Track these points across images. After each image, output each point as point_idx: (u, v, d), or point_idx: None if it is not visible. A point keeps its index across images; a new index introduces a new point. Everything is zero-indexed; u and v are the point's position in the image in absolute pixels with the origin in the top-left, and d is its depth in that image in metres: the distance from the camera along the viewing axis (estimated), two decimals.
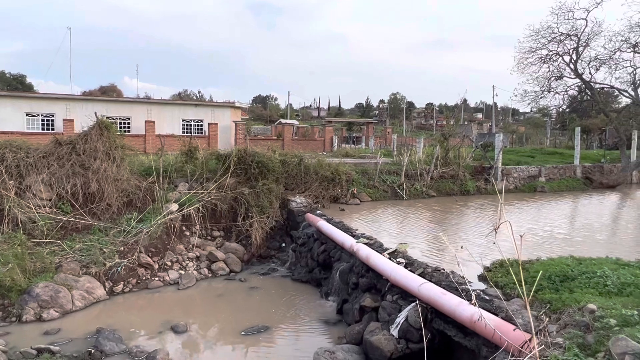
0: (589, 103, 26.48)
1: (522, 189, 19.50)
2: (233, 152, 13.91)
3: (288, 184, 14.54)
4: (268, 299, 9.88)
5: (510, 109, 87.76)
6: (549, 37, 23.09)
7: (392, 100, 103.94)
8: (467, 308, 5.36)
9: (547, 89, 24.03)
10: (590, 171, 22.27)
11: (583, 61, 22.95)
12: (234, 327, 8.30)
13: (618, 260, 6.58)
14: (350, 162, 18.61)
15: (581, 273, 5.85)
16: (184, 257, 11.56)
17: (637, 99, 22.18)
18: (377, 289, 7.84)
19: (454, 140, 20.40)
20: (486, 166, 19.06)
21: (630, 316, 4.12)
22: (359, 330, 7.13)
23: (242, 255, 12.35)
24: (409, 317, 6.29)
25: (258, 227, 12.77)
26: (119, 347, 7.29)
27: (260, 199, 13.08)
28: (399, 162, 18.08)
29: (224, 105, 36.45)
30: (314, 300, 9.85)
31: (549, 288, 5.64)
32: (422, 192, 16.79)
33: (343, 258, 9.73)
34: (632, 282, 5.38)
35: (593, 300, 4.76)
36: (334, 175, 15.12)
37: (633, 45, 21.55)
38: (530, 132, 54.86)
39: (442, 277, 6.59)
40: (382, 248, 8.54)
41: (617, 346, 3.55)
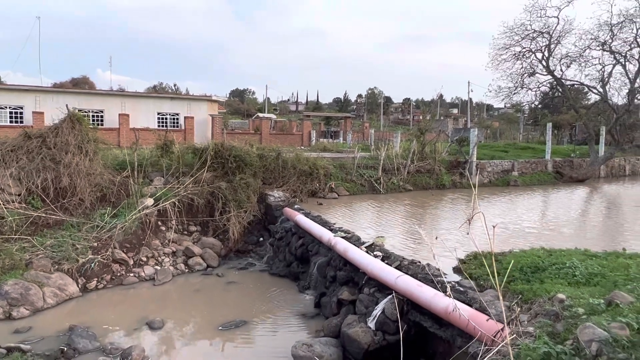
0: (560, 99, 27.21)
1: (495, 183, 19.93)
2: (210, 146, 13.74)
3: (266, 178, 14.48)
4: (246, 294, 9.85)
5: (485, 105, 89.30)
6: (523, 34, 23.58)
7: (370, 95, 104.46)
8: (442, 299, 5.46)
9: (520, 85, 24.56)
10: (561, 165, 22.92)
11: (554, 58, 23.55)
12: (211, 322, 8.25)
13: (586, 251, 6.80)
14: (328, 156, 18.65)
15: (551, 264, 6.02)
16: (159, 253, 11.40)
17: (605, 95, 22.90)
18: (354, 282, 7.91)
19: (430, 135, 20.67)
20: (461, 161, 19.39)
21: (597, 305, 4.27)
22: (337, 323, 7.19)
23: (220, 250, 12.26)
24: (385, 309, 6.37)
25: (235, 222, 12.69)
26: (92, 345, 7.16)
27: (238, 193, 12.99)
28: (376, 156, 18.21)
29: (200, 98, 35.93)
30: (292, 294, 9.86)
31: (521, 279, 5.79)
32: (399, 186, 16.97)
33: (321, 252, 9.77)
34: (599, 273, 5.58)
35: (562, 290, 4.92)
36: (312, 170, 15.13)
37: (602, 44, 22.20)
38: (504, 128, 56.01)
39: (418, 269, 6.70)
40: (360, 241, 8.61)
41: (585, 334, 3.68)
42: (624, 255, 6.38)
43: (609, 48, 22.10)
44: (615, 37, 21.85)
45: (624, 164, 26.55)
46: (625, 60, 21.98)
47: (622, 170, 26.37)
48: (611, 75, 22.72)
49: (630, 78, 21.92)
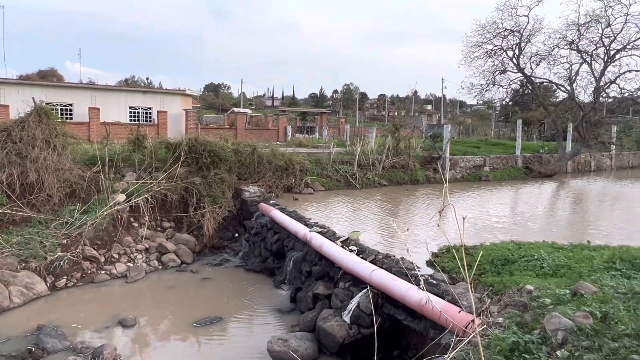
0: (530, 97, 27.94)
1: (468, 178, 20.34)
2: (184, 141, 13.52)
3: (241, 173, 14.37)
4: (221, 290, 9.78)
5: (458, 101, 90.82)
6: (494, 32, 24.05)
7: (346, 91, 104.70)
8: (415, 293, 5.56)
9: (492, 83, 25.10)
10: (530, 161, 23.57)
11: (525, 56, 24.14)
12: (186, 319, 8.16)
13: (553, 244, 7.04)
14: (304, 151, 18.65)
15: (521, 256, 6.21)
16: (132, 250, 11.19)
17: (572, 93, 23.63)
18: (330, 276, 7.96)
19: (405, 131, 20.90)
20: (435, 156, 19.70)
21: (563, 295, 4.43)
22: (312, 317, 7.22)
23: (194, 246, 12.12)
24: (360, 303, 6.44)
25: (210, 218, 12.56)
26: (62, 344, 6.98)
27: (213, 188, 12.85)
28: (351, 152, 18.31)
29: (174, 92, 35.30)
30: (267, 289, 9.85)
31: (492, 271, 5.95)
32: (374, 182, 17.13)
33: (296, 247, 9.78)
34: (565, 264, 5.78)
35: (531, 282, 5.08)
36: (288, 165, 15.10)
37: (569, 43, 22.88)
38: (476, 124, 57.11)
39: (393, 263, 6.79)
40: (335, 236, 8.66)
41: (551, 323, 3.82)
42: (588, 248, 6.63)
43: (576, 47, 22.80)
44: (582, 37, 22.57)
45: (590, 160, 27.50)
46: (592, 60, 22.73)
47: (588, 166, 27.31)
48: (578, 74, 23.47)
49: (595, 77, 22.68)
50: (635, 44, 21.56)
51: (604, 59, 22.35)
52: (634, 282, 4.61)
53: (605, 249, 6.28)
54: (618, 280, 4.78)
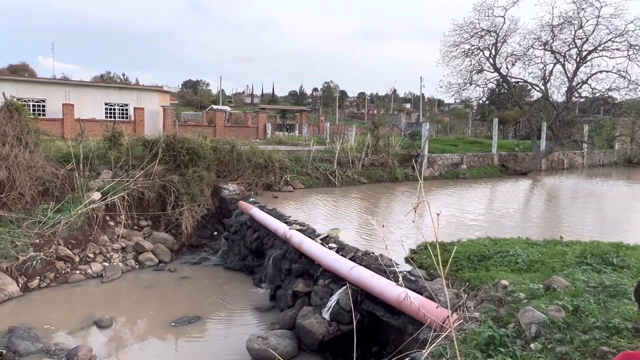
0: (506, 96, 28.50)
1: (446, 176, 20.63)
2: (161, 138, 13.32)
3: (220, 171, 14.24)
4: (199, 289, 9.68)
5: (436, 100, 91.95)
6: (472, 32, 24.42)
7: (326, 89, 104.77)
8: (394, 289, 5.62)
9: (469, 82, 25.48)
10: (506, 159, 24.06)
11: (501, 56, 24.59)
12: (164, 318, 8.05)
13: (528, 239, 7.20)
14: (284, 149, 18.61)
15: (496, 252, 6.33)
16: (108, 249, 10.98)
17: (546, 93, 24.20)
18: (309, 274, 7.97)
19: (384, 129, 21.06)
20: (414, 154, 19.91)
21: (536, 290, 4.54)
22: (292, 315, 7.22)
23: (172, 245, 11.96)
24: (340, 300, 6.47)
25: (188, 216, 12.41)
26: (35, 346, 6.80)
27: (191, 186, 12.70)
28: (331, 149, 18.36)
29: (151, 89, 34.69)
30: (247, 287, 9.80)
31: (468, 267, 6.06)
32: (354, 179, 17.21)
33: (276, 245, 9.76)
34: (539, 259, 5.93)
35: (506, 277, 5.19)
36: (267, 163, 15.04)
37: (544, 44, 23.42)
38: (454, 122, 57.97)
39: (372, 260, 6.84)
40: (315, 234, 8.67)
41: (525, 317, 3.91)
42: (561, 243, 6.80)
43: (550, 48, 23.35)
44: (556, 38, 23.13)
45: (563, 158, 28.23)
46: (565, 60, 23.33)
47: (561, 164, 28.03)
48: (552, 74, 24.05)
49: (568, 77, 23.28)
50: (606, 45, 22.22)
51: (577, 60, 22.96)
52: (604, 276, 4.76)
53: (577, 245, 6.45)
54: (589, 274, 4.93)
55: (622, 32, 21.58)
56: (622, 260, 5.33)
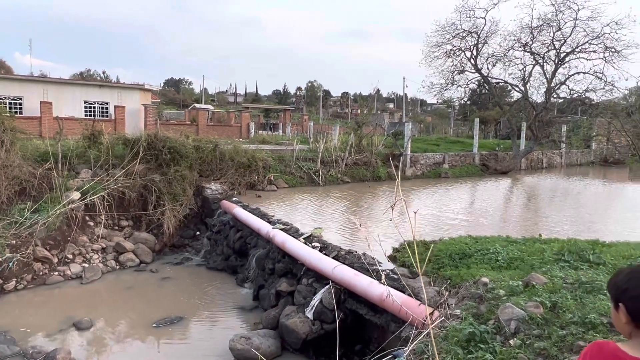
0: (487, 96, 28.93)
1: (428, 175, 20.83)
2: (142, 136, 13.13)
3: (202, 170, 14.11)
4: (182, 289, 9.59)
5: (419, 100, 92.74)
6: (453, 33, 24.71)
7: (309, 88, 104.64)
8: (377, 287, 5.65)
9: (451, 82, 25.77)
10: (487, 158, 24.41)
11: (482, 57, 24.94)
12: (145, 319, 7.95)
13: (508, 237, 7.32)
14: (267, 148, 18.54)
15: (477, 250, 6.42)
16: (87, 250, 10.78)
17: (526, 93, 24.64)
18: (293, 273, 7.96)
19: (367, 128, 21.16)
20: (397, 153, 20.05)
21: (516, 287, 4.62)
22: (275, 314, 7.21)
23: (154, 245, 11.81)
24: (323, 299, 6.48)
25: (170, 216, 12.27)
26: (11, 350, 6.64)
27: (173, 186, 12.55)
28: (315, 149, 18.36)
29: (132, 87, 34.16)
30: (230, 287, 9.75)
31: (450, 265, 6.12)
32: (337, 179, 17.25)
33: (259, 244, 9.73)
34: (518, 257, 6.02)
35: (486, 274, 5.27)
36: (251, 162, 14.97)
37: (523, 45, 23.83)
38: (436, 122, 58.60)
39: (355, 259, 6.87)
40: (298, 233, 8.67)
41: (505, 313, 3.98)
42: (540, 241, 6.93)
43: (529, 49, 23.77)
44: (535, 40, 23.57)
45: (542, 158, 28.77)
46: (544, 61, 23.78)
47: (540, 163, 28.56)
48: (531, 75, 24.48)
49: (547, 78, 23.74)
50: (583, 47, 22.72)
51: (555, 61, 23.43)
52: (580, 272, 4.88)
53: (555, 242, 6.58)
54: (566, 271, 5.03)
55: (598, 34, 22.11)
56: (598, 257, 5.46)
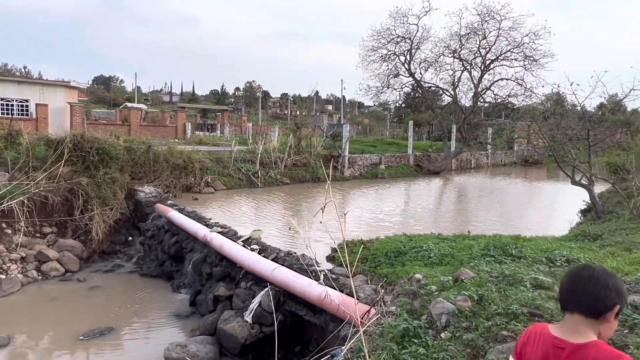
0: (420, 99, 30.14)
1: (365, 176, 21.33)
2: (67, 137, 12.31)
3: (135, 172, 13.49)
4: (112, 298, 9.09)
5: (357, 102, 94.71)
6: (388, 38, 25.53)
7: (248, 88, 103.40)
8: (316, 288, 5.70)
9: (387, 85, 26.61)
10: (420, 159, 25.44)
11: (415, 62, 25.98)
12: (71, 332, 7.45)
13: (440, 235, 7.67)
14: (205, 149, 18.09)
15: (411, 248, 6.65)
16: (4, 259, 9.92)
17: (455, 97, 25.99)
18: (231, 277, 7.83)
19: (306, 129, 21.29)
20: (335, 154, 20.34)
21: (446, 282, 4.85)
22: (213, 320, 7.04)
23: (81, 253, 11.10)
24: (262, 302, 6.43)
25: (99, 221, 11.60)
26: None
27: (102, 189, 11.88)
28: (254, 150, 18.17)
29: (56, 84, 31.87)
30: (165, 294, 9.39)
31: (386, 263, 6.30)
32: (277, 180, 17.19)
33: (196, 248, 9.47)
34: (449, 253, 6.33)
35: (420, 271, 5.48)
36: (187, 164, 14.52)
37: (453, 52, 25.13)
38: (373, 124, 60.17)
39: (294, 260, 6.87)
40: (237, 236, 8.53)
41: (436, 308, 4.16)
42: (469, 237, 7.33)
43: (458, 56, 25.12)
44: (463, 47, 24.94)
45: (470, 158, 30.47)
46: (471, 68, 25.23)
47: (469, 164, 30.23)
48: (460, 80, 25.89)
49: (474, 83, 25.22)
50: (506, 55, 24.40)
51: (481, 68, 24.94)
52: (504, 266, 5.21)
53: (482, 238, 6.99)
54: (492, 265, 5.36)
55: (519, 44, 23.84)
56: (520, 251, 5.88)
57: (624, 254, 5.72)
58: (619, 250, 5.95)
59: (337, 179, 19.12)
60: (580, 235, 7.45)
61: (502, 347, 3.31)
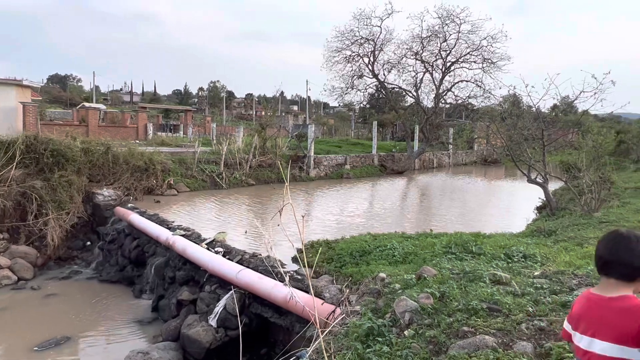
0: (384, 100, 30.57)
1: (331, 176, 21.42)
2: (19, 138, 11.75)
3: (93, 175, 13.01)
4: (70, 306, 8.73)
5: (322, 103, 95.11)
6: (352, 39, 25.76)
7: (212, 88, 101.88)
8: (281, 289, 5.67)
9: (351, 86, 26.85)
10: (385, 159, 25.80)
11: (378, 63, 26.34)
12: (24, 343, 7.10)
13: (403, 234, 7.79)
14: (167, 151, 17.69)
15: (376, 247, 6.73)
16: None
17: (418, 99, 26.53)
18: (195, 280, 7.69)
19: (272, 130, 21.17)
20: (301, 155, 20.32)
21: (409, 280, 4.93)
22: (176, 325, 6.89)
23: (35, 259, 10.61)
24: (227, 305, 6.34)
25: (55, 226, 11.12)
26: None
27: (58, 193, 11.40)
28: (218, 151, 17.91)
29: (7, 82, 30.27)
30: (126, 300, 9.10)
31: (351, 263, 6.34)
32: (242, 181, 17.00)
33: (158, 252, 9.24)
34: (412, 251, 6.44)
35: (384, 270, 5.55)
36: (148, 165, 14.14)
37: (415, 54, 25.64)
38: (338, 125, 60.58)
39: (259, 262, 6.82)
40: (200, 239, 8.38)
41: (400, 306, 4.22)
42: (431, 235, 7.48)
43: (420, 58, 25.65)
44: (425, 49, 25.49)
45: (433, 158, 31.16)
46: (432, 69, 25.82)
47: (432, 163, 30.91)
48: (422, 82, 26.44)
49: (436, 85, 25.83)
50: (465, 57, 25.11)
51: (442, 70, 25.57)
52: (465, 263, 5.36)
53: (444, 236, 7.14)
54: (453, 262, 5.49)
55: (477, 47, 24.58)
56: (480, 248, 6.05)
57: (576, 248, 5.99)
58: (571, 245, 6.23)
59: (303, 179, 19.12)
60: (536, 232, 7.75)
61: (463, 343, 3.39)
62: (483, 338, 3.35)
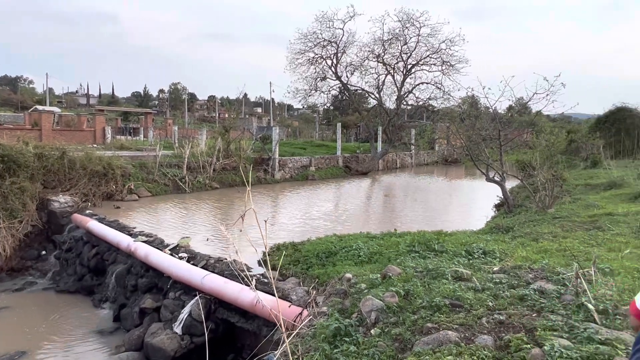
0: (347, 102, 30.89)
1: (296, 178, 21.43)
2: None
3: (48, 181, 12.47)
4: (24, 319, 8.32)
5: (286, 105, 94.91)
6: (315, 41, 25.90)
7: (173, 90, 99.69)
8: (248, 294, 5.62)
9: (314, 88, 27.00)
10: (349, 160, 26.05)
11: (341, 66, 26.60)
12: None
13: (368, 234, 7.88)
14: (127, 155, 17.15)
15: (342, 248, 6.78)
16: None
17: (380, 100, 26.95)
18: (158, 288, 7.50)
19: (235, 132, 20.96)
20: (265, 157, 20.22)
21: (375, 279, 5.00)
22: (139, 334, 6.70)
23: None
24: (192, 311, 6.23)
25: (7, 235, 10.59)
26: None
27: (9, 200, 10.86)
28: (180, 154, 17.55)
29: None
30: (85, 310, 8.76)
31: (317, 264, 6.37)
32: (205, 185, 16.74)
33: (119, 260, 8.96)
34: (377, 251, 6.53)
35: (350, 270, 5.60)
36: (107, 170, 13.68)
37: (377, 56, 26.06)
38: (303, 127, 60.67)
39: (225, 266, 6.74)
40: (163, 244, 8.20)
41: (366, 305, 4.28)
42: (395, 235, 7.61)
43: (382, 60, 26.10)
44: (387, 52, 25.96)
45: (396, 159, 31.71)
46: (394, 72, 26.31)
47: (395, 164, 31.45)
48: (384, 84, 26.92)
49: (397, 87, 26.34)
50: (425, 60, 25.73)
51: (403, 72, 26.10)
52: (428, 261, 5.49)
53: (407, 235, 7.29)
54: (417, 260, 5.61)
55: (436, 49, 25.24)
56: (442, 246, 6.21)
57: (532, 243, 6.25)
58: (527, 241, 6.49)
59: (268, 181, 19.03)
60: (494, 229, 8.03)
61: (427, 339, 3.48)
62: (446, 333, 3.44)
